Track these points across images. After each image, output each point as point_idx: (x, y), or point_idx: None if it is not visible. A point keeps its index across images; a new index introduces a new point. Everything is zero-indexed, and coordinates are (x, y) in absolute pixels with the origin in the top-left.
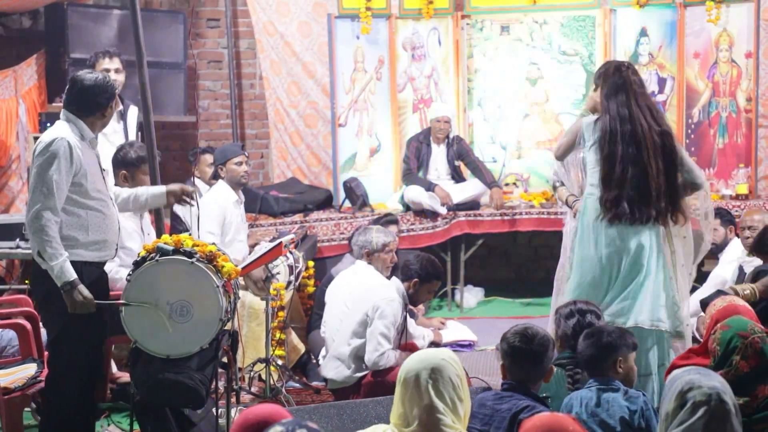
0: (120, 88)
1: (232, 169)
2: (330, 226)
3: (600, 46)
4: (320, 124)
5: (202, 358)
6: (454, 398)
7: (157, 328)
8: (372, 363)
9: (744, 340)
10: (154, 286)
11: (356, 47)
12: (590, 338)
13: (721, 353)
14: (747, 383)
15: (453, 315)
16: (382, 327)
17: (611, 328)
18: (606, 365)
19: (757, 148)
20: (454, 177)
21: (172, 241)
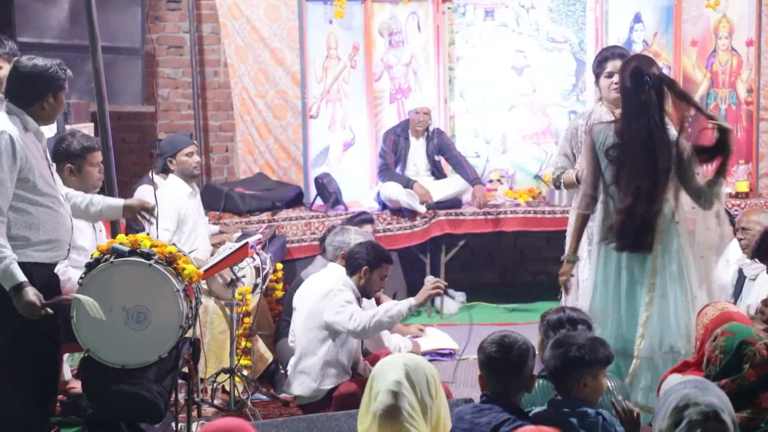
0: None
1: (183, 161)
2: (300, 226)
3: (591, 33)
4: (290, 115)
5: (161, 368)
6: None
7: (112, 335)
8: (357, 331)
9: (752, 347)
10: (108, 290)
11: (329, 33)
12: (558, 348)
13: (728, 361)
14: (750, 392)
15: (432, 321)
16: (336, 308)
17: (583, 340)
18: (570, 381)
19: (759, 143)
20: (434, 173)
21: (129, 241)
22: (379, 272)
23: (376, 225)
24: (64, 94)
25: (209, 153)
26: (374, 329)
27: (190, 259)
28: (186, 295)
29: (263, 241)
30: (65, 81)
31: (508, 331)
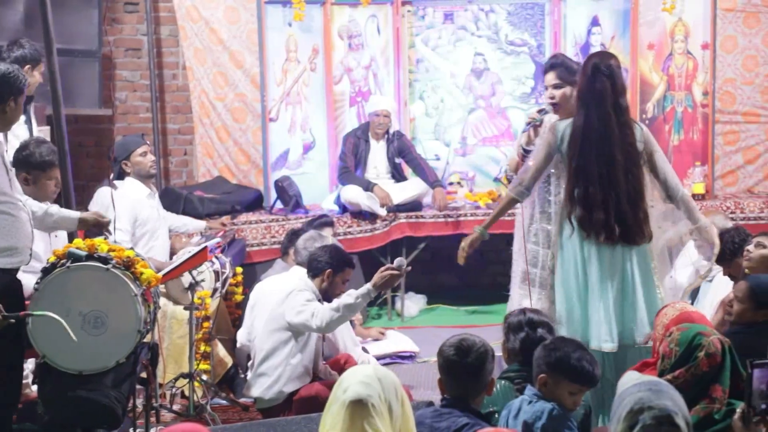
0: None
1: (138, 162)
2: (260, 229)
3: (549, 36)
4: (249, 118)
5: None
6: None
7: (68, 341)
8: (321, 327)
9: (707, 338)
10: (65, 296)
11: (288, 35)
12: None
13: (682, 351)
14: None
15: (393, 324)
16: (297, 306)
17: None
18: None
19: (714, 145)
20: (395, 176)
21: (86, 245)
22: (342, 276)
23: (336, 228)
24: (23, 98)
25: (168, 156)
26: (338, 321)
27: (148, 263)
28: (144, 299)
29: (222, 245)
30: (25, 85)
31: (467, 334)
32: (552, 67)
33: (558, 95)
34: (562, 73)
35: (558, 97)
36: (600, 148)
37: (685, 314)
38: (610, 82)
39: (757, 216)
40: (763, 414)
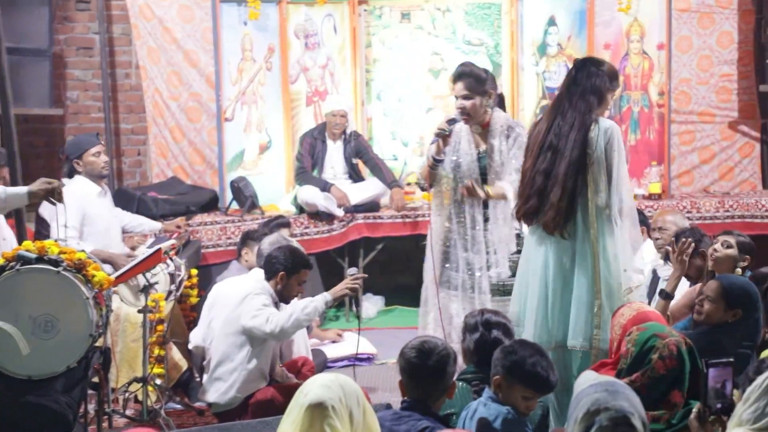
0: None
1: (91, 162)
2: (215, 231)
3: (506, 36)
4: (204, 118)
5: (70, 378)
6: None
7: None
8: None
9: (662, 340)
10: (14, 299)
11: (243, 34)
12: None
13: (637, 352)
14: (661, 387)
15: (351, 326)
16: (252, 311)
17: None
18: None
19: (670, 145)
20: (352, 176)
21: (36, 248)
22: (297, 278)
23: (293, 229)
24: None
25: (121, 157)
26: (292, 328)
27: (100, 265)
28: (96, 302)
29: (177, 247)
30: None
31: (429, 337)
32: (460, 77)
33: (468, 105)
34: (471, 84)
35: (468, 108)
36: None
37: (643, 314)
38: (572, 80)
39: (713, 215)
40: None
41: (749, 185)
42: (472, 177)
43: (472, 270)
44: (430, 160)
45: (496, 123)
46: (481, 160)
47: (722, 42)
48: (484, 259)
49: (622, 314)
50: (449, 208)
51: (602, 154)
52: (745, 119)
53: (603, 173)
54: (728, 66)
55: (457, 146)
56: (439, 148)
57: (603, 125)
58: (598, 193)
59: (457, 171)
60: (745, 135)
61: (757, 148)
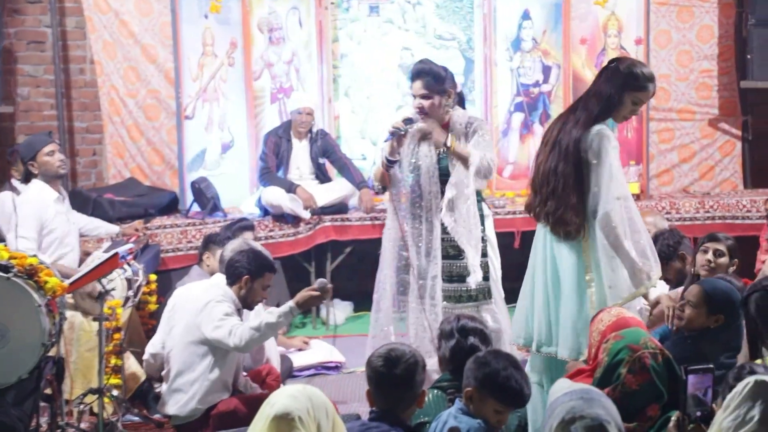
0: None
1: (45, 162)
2: (175, 234)
3: (479, 30)
4: (163, 116)
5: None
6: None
7: None
8: (240, 346)
9: (633, 353)
10: None
11: (204, 28)
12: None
13: (607, 364)
14: (635, 402)
15: (318, 333)
16: (215, 323)
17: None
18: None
19: (649, 144)
20: (319, 176)
21: None
22: (261, 282)
23: (257, 232)
24: None
25: (75, 157)
26: (257, 341)
27: (53, 271)
28: (49, 310)
29: (135, 251)
30: None
31: (397, 344)
32: (418, 75)
33: (426, 105)
34: (430, 83)
35: (427, 107)
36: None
37: (622, 320)
38: (595, 78)
39: (693, 216)
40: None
41: (730, 185)
42: (432, 180)
43: (425, 277)
44: (384, 161)
45: (456, 123)
46: (441, 161)
47: (702, 36)
48: (438, 267)
49: (601, 320)
50: (406, 211)
51: (591, 158)
52: (725, 116)
53: (592, 176)
54: (708, 61)
55: (416, 148)
56: (393, 148)
57: (594, 129)
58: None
59: (417, 173)
60: (726, 133)
61: (738, 147)
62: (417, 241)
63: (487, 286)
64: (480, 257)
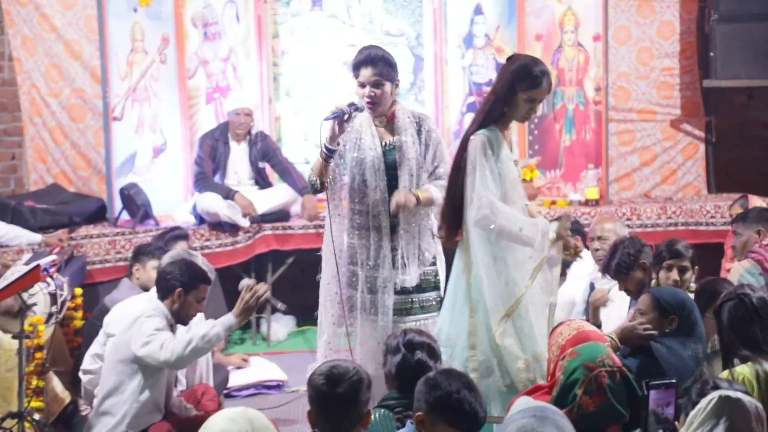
0: None
1: None
2: (103, 244)
3: (429, 26)
4: (89, 117)
5: None
6: None
7: None
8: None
9: (589, 372)
10: None
11: (134, 22)
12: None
13: (563, 383)
14: (593, 423)
15: (258, 350)
16: (144, 337)
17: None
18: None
19: (608, 146)
20: (258, 182)
21: None
22: (196, 295)
23: (191, 242)
24: None
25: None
26: (190, 357)
27: None
28: None
29: (59, 263)
30: None
31: (340, 360)
32: (372, 61)
33: (378, 94)
34: (384, 69)
35: (377, 96)
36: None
37: (583, 334)
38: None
39: (655, 223)
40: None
41: (693, 189)
42: (378, 174)
43: (374, 289)
44: (323, 150)
45: (402, 114)
46: (387, 154)
47: (663, 33)
48: (389, 276)
49: (560, 333)
50: (348, 213)
51: (469, 161)
52: (688, 117)
53: (468, 186)
54: (670, 59)
55: (358, 141)
56: (334, 134)
57: (478, 133)
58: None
59: (360, 168)
60: (689, 134)
61: (701, 149)
62: (362, 250)
63: (439, 297)
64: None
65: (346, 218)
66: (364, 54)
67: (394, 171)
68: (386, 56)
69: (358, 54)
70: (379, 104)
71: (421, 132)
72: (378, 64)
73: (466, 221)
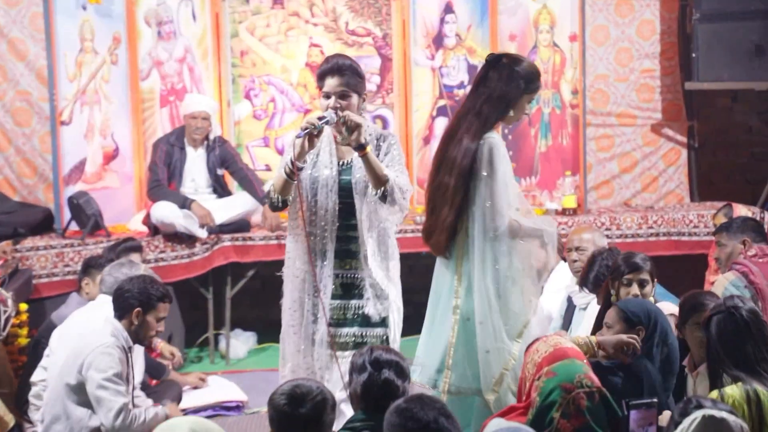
0: None
1: None
2: (50, 257)
3: (397, 26)
4: (35, 121)
5: None
6: None
7: None
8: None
9: (566, 394)
10: None
11: (83, 21)
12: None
13: (539, 405)
14: None
15: (216, 368)
16: (101, 380)
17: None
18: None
19: (586, 152)
20: (216, 190)
21: None
22: (155, 314)
23: (145, 254)
24: None
25: None
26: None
27: None
28: None
29: (2, 277)
30: None
31: (303, 380)
32: (339, 70)
33: (344, 105)
34: (351, 79)
35: (343, 108)
36: (445, 152)
37: (560, 351)
38: (481, 80)
39: (635, 233)
40: None
41: (675, 197)
42: (329, 195)
43: (316, 317)
44: (288, 167)
45: (363, 132)
46: (342, 173)
47: (643, 32)
48: (327, 304)
49: (536, 350)
50: (302, 241)
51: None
52: (669, 121)
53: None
54: (650, 60)
55: (315, 158)
56: (304, 150)
57: (487, 137)
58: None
59: (313, 187)
60: (671, 140)
61: (683, 155)
62: (309, 275)
63: (385, 335)
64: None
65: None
66: (330, 62)
67: (349, 192)
68: (354, 66)
69: (323, 62)
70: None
71: (380, 146)
72: (345, 74)
73: (472, 231)
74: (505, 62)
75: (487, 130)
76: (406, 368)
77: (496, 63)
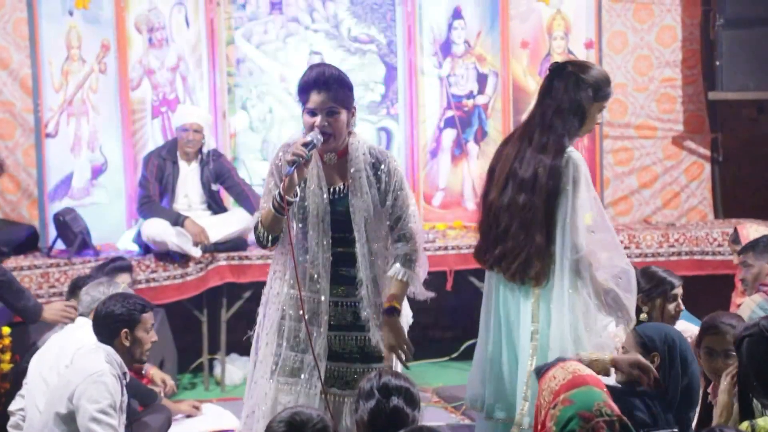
0: None
1: None
2: (35, 277)
3: (402, 32)
4: (19, 133)
5: None
6: None
7: None
8: None
9: (585, 423)
10: None
11: (69, 27)
12: None
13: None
14: None
15: (211, 395)
16: (94, 412)
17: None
18: None
19: (603, 166)
20: (211, 206)
21: None
22: (143, 326)
23: (135, 274)
24: None
25: None
26: None
27: None
28: None
29: None
30: None
31: (303, 407)
32: (325, 83)
33: (333, 123)
34: (339, 93)
35: (333, 126)
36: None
37: (579, 378)
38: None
39: (655, 252)
40: None
41: (698, 214)
42: (321, 226)
43: (307, 350)
44: (277, 201)
45: (356, 151)
46: (336, 203)
47: (663, 39)
48: (323, 339)
49: (553, 377)
50: (292, 268)
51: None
52: (692, 133)
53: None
54: (671, 69)
55: (303, 184)
56: (294, 183)
57: (568, 152)
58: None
59: (303, 217)
60: (693, 153)
61: (707, 169)
62: (297, 306)
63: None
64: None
65: (291, 271)
66: (314, 73)
67: (346, 222)
68: (342, 77)
69: (306, 73)
70: (334, 137)
71: (379, 174)
72: (332, 87)
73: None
74: (570, 70)
75: (567, 145)
76: (416, 395)
77: (561, 71)
